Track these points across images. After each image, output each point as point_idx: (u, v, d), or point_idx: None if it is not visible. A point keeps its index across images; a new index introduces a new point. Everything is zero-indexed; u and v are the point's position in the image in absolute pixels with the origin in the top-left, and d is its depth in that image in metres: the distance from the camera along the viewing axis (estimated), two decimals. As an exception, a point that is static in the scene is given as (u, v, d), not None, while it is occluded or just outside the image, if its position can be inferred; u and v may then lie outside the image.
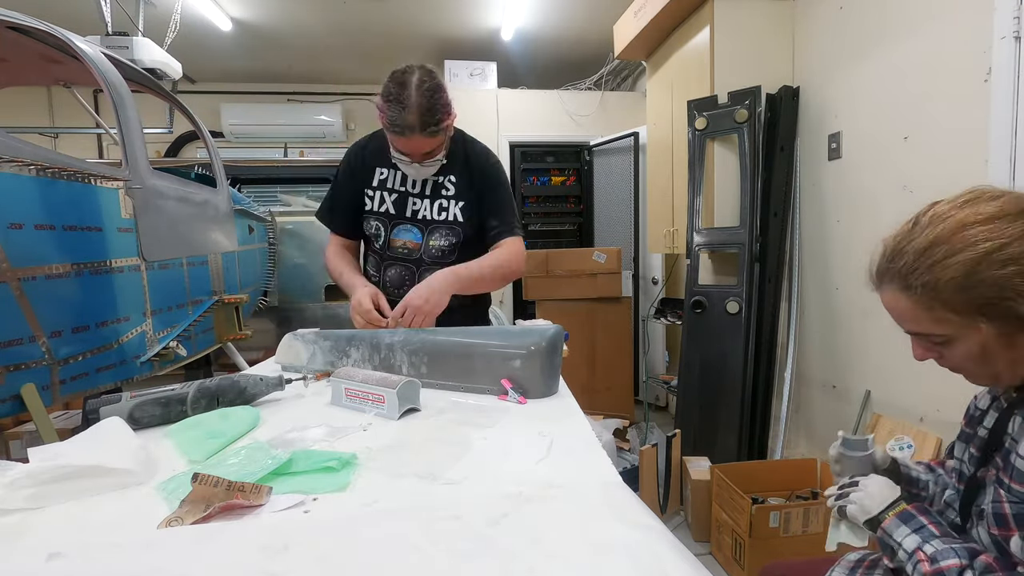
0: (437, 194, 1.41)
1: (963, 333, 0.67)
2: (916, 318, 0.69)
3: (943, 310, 0.66)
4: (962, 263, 0.63)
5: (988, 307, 0.63)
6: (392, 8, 3.52)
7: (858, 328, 2.16)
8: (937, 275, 0.65)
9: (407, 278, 1.43)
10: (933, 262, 0.65)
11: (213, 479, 0.56)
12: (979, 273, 0.63)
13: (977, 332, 0.65)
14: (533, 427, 0.80)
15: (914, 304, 0.68)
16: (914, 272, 0.67)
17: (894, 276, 0.70)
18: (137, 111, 1.79)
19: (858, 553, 0.92)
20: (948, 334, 0.68)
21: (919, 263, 0.67)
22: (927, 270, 0.66)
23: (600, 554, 0.46)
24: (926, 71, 1.80)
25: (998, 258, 0.62)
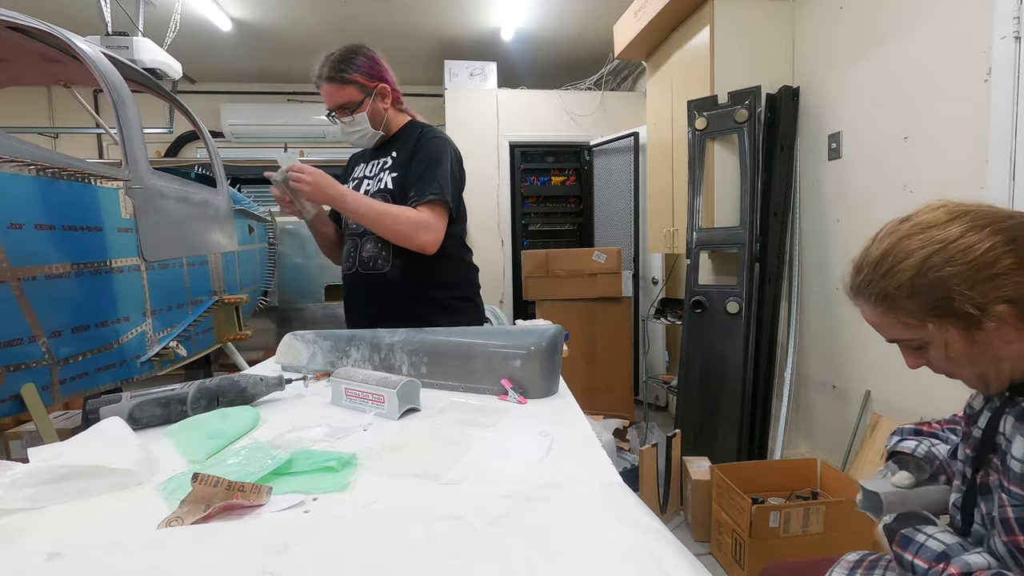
0: (381, 170, 1.49)
1: (926, 336, 0.71)
2: (882, 326, 0.75)
3: (902, 316, 0.71)
4: (906, 269, 0.69)
5: (936, 309, 0.67)
6: (392, 8, 3.52)
7: (858, 328, 2.16)
8: (886, 284, 0.70)
9: (352, 251, 1.53)
10: (883, 272, 0.71)
11: (213, 479, 0.56)
12: (921, 278, 0.67)
13: (936, 334, 0.69)
14: (533, 427, 0.80)
15: (877, 314, 0.74)
16: (870, 284, 0.73)
17: (859, 291, 0.76)
18: (137, 111, 1.79)
19: (857, 553, 0.92)
20: (916, 338, 0.72)
21: (873, 275, 0.72)
22: (879, 280, 0.71)
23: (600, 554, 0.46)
24: (926, 71, 1.80)
25: (935, 261, 0.67)
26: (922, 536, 0.72)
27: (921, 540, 0.72)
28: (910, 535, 0.73)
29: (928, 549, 0.70)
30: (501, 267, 4.23)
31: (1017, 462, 0.64)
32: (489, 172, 4.12)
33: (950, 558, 0.67)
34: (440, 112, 4.23)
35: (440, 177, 1.39)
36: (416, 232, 1.36)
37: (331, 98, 1.41)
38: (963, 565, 0.66)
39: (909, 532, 0.73)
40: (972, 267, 0.65)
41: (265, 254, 3.28)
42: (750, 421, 2.41)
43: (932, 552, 0.70)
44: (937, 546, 0.70)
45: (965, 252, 0.65)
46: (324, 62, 1.39)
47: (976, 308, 0.65)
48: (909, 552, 0.72)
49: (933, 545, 0.70)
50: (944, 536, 0.71)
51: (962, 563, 0.66)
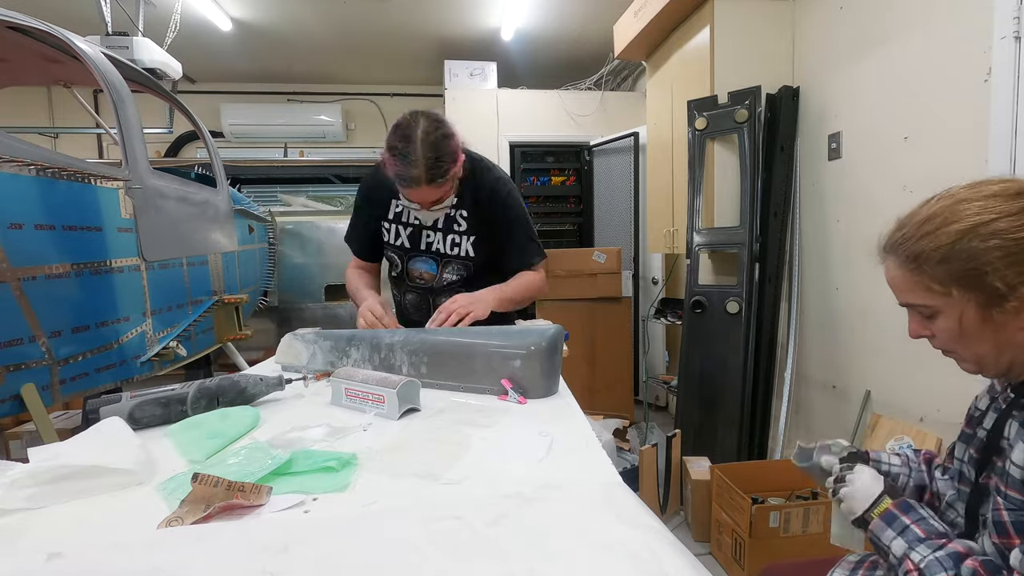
0: (449, 228, 1.43)
1: (944, 305, 0.69)
2: (903, 287, 0.73)
3: (927, 279, 0.69)
4: (951, 233, 0.66)
5: (965, 278, 0.66)
6: (392, 8, 3.52)
7: (858, 328, 2.16)
8: (925, 244, 0.68)
9: (422, 304, 1.50)
10: (926, 232, 0.69)
11: (213, 479, 0.56)
12: (962, 243, 0.66)
13: (955, 304, 0.68)
14: (533, 427, 0.80)
15: (903, 272, 0.72)
16: (908, 241, 0.70)
17: (893, 247, 0.73)
18: (137, 111, 1.79)
19: (858, 554, 0.92)
20: (932, 305, 0.70)
21: (915, 232, 0.70)
22: (919, 239, 0.69)
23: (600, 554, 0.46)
24: (926, 71, 1.80)
25: (983, 231, 0.64)
26: (924, 512, 0.72)
27: (924, 514, 0.72)
28: (913, 505, 0.73)
29: (930, 524, 0.70)
30: (501, 267, 4.22)
31: (1017, 468, 0.64)
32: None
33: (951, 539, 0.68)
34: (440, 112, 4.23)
35: (535, 238, 1.49)
36: (543, 290, 1.50)
37: (427, 197, 1.27)
38: (967, 547, 0.66)
39: (914, 503, 0.73)
40: (1019, 245, 0.63)
41: (265, 254, 3.28)
42: (750, 421, 2.41)
43: (933, 528, 0.70)
44: (940, 526, 0.70)
45: (1019, 228, 0.63)
46: (415, 162, 1.19)
47: (1005, 286, 0.64)
48: (908, 518, 0.71)
49: (936, 524, 0.70)
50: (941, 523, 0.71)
51: (966, 545, 0.66)
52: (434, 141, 1.20)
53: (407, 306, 1.52)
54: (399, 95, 4.96)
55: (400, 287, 1.54)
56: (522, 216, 1.45)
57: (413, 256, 1.47)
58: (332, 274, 3.80)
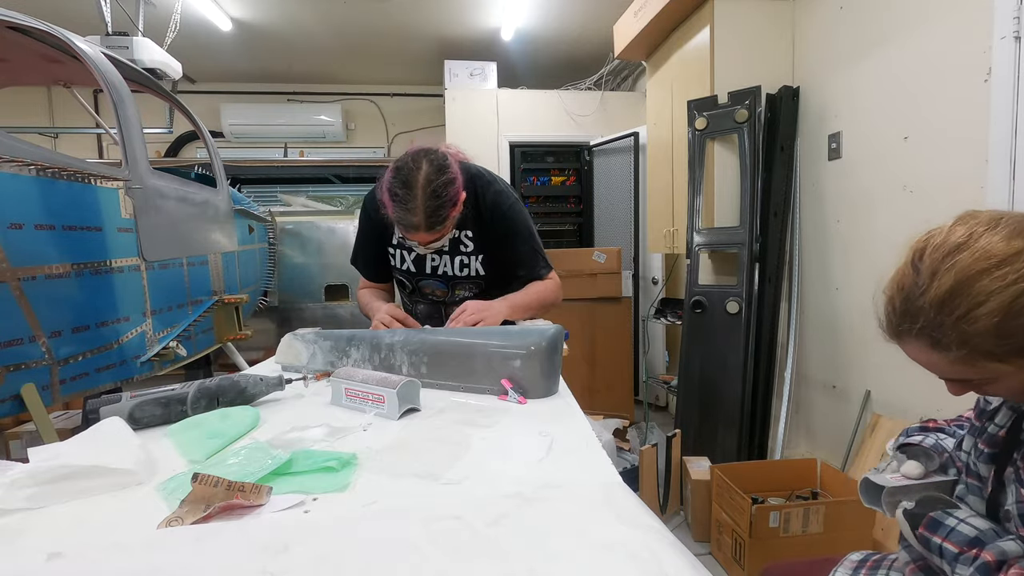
0: (456, 250, 1.42)
1: (999, 374, 0.65)
2: (954, 371, 0.67)
3: (984, 361, 0.63)
4: (992, 313, 0.60)
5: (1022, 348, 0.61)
6: (392, 8, 3.52)
7: (858, 328, 2.16)
8: (967, 330, 0.62)
9: (435, 314, 1.52)
10: (958, 316, 0.62)
11: (213, 479, 0.56)
12: (1013, 320, 0.60)
13: (1012, 371, 0.64)
14: (533, 427, 0.80)
15: (951, 360, 0.65)
16: (940, 329, 0.63)
17: (918, 334, 0.66)
18: (137, 111, 1.79)
19: (861, 553, 0.92)
20: (984, 377, 0.66)
21: (942, 319, 0.63)
22: (954, 326, 0.62)
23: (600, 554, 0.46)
24: (926, 71, 1.80)
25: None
26: (953, 520, 0.70)
27: (952, 524, 0.69)
28: (940, 518, 0.70)
29: (959, 533, 0.68)
30: (501, 267, 4.22)
31: None
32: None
33: (984, 544, 0.65)
34: (440, 112, 4.23)
35: (540, 249, 1.48)
36: (559, 298, 1.51)
37: (426, 240, 1.26)
38: (999, 552, 0.64)
39: (939, 515, 0.71)
40: None
41: (265, 254, 3.28)
42: (750, 421, 2.41)
43: (964, 536, 0.67)
44: (969, 531, 0.67)
45: None
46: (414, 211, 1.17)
47: None
48: (938, 536, 0.69)
49: (965, 530, 0.68)
50: (976, 521, 0.68)
51: (997, 550, 0.64)
52: (435, 189, 1.17)
53: (419, 316, 1.53)
54: (399, 95, 4.96)
55: (412, 300, 1.56)
56: (525, 229, 1.43)
57: (421, 279, 1.48)
58: (332, 274, 3.80)
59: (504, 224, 1.40)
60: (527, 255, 1.45)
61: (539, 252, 1.47)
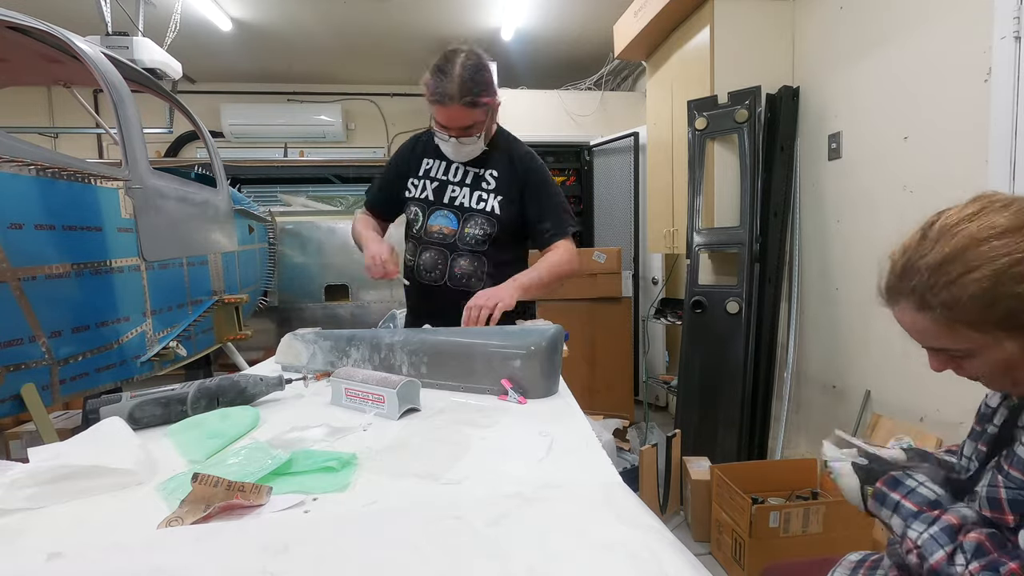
0: (477, 185, 1.45)
1: (982, 347, 0.66)
2: (936, 335, 0.68)
3: (965, 328, 0.65)
4: (982, 279, 0.62)
5: (1010, 322, 0.63)
6: (392, 8, 3.52)
7: (858, 328, 2.16)
8: (956, 293, 0.63)
9: (439, 262, 1.48)
10: (949, 280, 0.64)
11: (213, 479, 0.56)
12: (999, 289, 0.61)
13: (1000, 347, 0.64)
14: (533, 427, 0.80)
15: (934, 322, 0.67)
16: (931, 290, 0.65)
17: (908, 294, 0.68)
18: (137, 111, 1.79)
19: (860, 553, 0.92)
20: (967, 348, 0.67)
21: (934, 280, 0.65)
22: (944, 288, 0.64)
23: (600, 554, 0.46)
24: (926, 71, 1.80)
25: (1017, 273, 0.61)
26: (913, 482, 0.70)
27: (912, 485, 0.70)
28: (900, 478, 0.71)
29: (919, 494, 0.69)
30: (501, 267, 4.22)
31: None
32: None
33: (944, 507, 0.66)
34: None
35: (567, 208, 1.49)
36: (574, 267, 1.47)
37: (458, 120, 1.32)
38: (960, 516, 0.65)
39: (899, 475, 0.72)
40: None
41: (265, 254, 3.28)
42: (750, 421, 2.41)
43: (924, 498, 0.68)
44: (929, 493, 0.68)
45: None
46: (451, 78, 1.26)
47: None
48: (897, 492, 0.70)
49: (925, 492, 0.69)
50: (934, 487, 0.70)
51: (959, 514, 0.65)
52: (473, 64, 1.29)
53: (421, 266, 1.49)
54: (399, 95, 4.96)
55: (417, 246, 1.51)
56: (555, 186, 1.49)
57: (435, 209, 1.47)
58: (332, 274, 3.80)
59: (536, 176, 1.45)
60: (555, 208, 1.46)
61: (568, 210, 1.48)
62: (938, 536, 0.64)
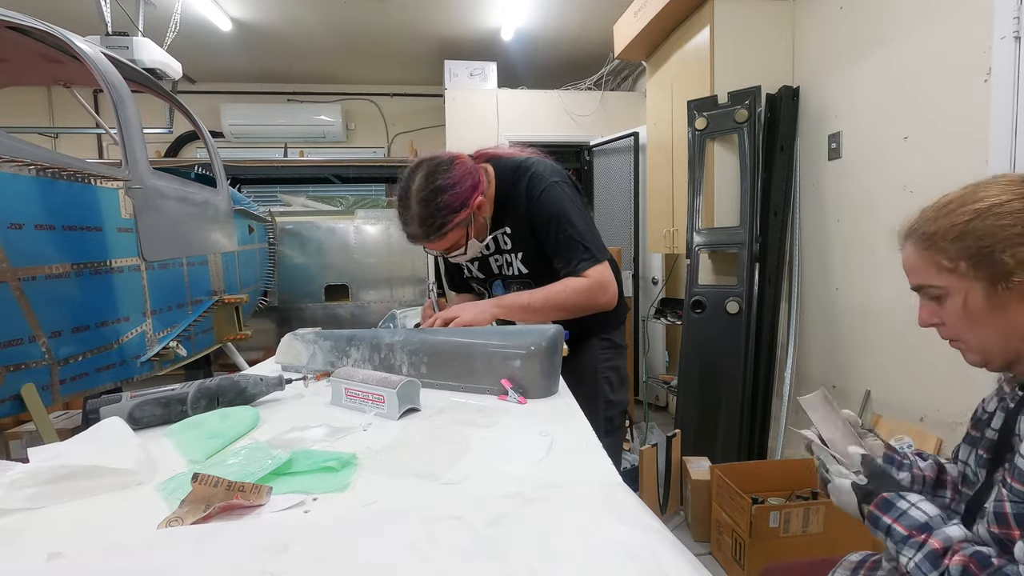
0: (499, 250, 1.40)
1: (952, 284, 0.70)
2: (915, 266, 0.74)
3: (939, 256, 0.71)
4: (966, 213, 0.68)
5: (976, 255, 0.67)
6: (392, 8, 3.52)
7: (858, 328, 2.16)
8: (942, 224, 0.70)
9: None
10: (944, 214, 0.71)
11: (213, 479, 0.56)
12: (977, 222, 0.67)
13: (962, 282, 0.69)
14: (533, 427, 0.80)
15: (917, 252, 0.74)
16: (926, 222, 0.73)
17: (912, 230, 0.75)
18: (137, 111, 1.79)
19: (860, 554, 0.92)
20: (940, 285, 0.72)
21: (934, 214, 0.72)
22: (934, 220, 0.71)
23: (600, 554, 0.46)
24: (926, 71, 1.80)
25: (999, 211, 0.66)
26: (905, 503, 0.70)
27: (904, 507, 0.70)
28: (893, 499, 0.71)
29: (910, 517, 0.69)
30: (501, 267, 4.22)
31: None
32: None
33: (932, 530, 0.67)
34: (440, 112, 4.23)
35: (580, 236, 1.26)
36: (592, 299, 1.27)
37: (437, 248, 1.27)
38: (944, 538, 0.65)
39: (892, 496, 0.72)
40: None
41: (265, 254, 3.28)
42: (750, 421, 2.41)
43: (914, 521, 0.68)
44: (920, 516, 0.68)
45: None
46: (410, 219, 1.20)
47: (1015, 261, 0.65)
48: (889, 516, 0.70)
49: (916, 514, 0.69)
50: (927, 506, 0.70)
51: (943, 536, 0.65)
52: (424, 198, 1.18)
53: None
54: (399, 95, 4.97)
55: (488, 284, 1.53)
56: (560, 213, 1.26)
57: (492, 282, 1.47)
58: (332, 274, 3.80)
59: (538, 214, 1.28)
60: (562, 244, 1.27)
61: (579, 241, 1.26)
62: (922, 564, 0.65)
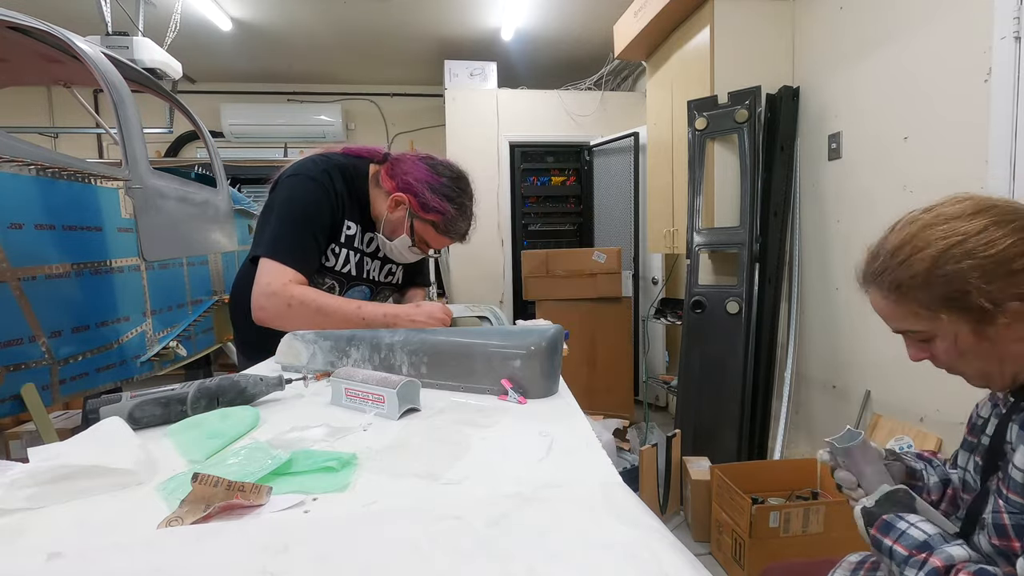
0: (387, 258, 1.39)
1: (936, 329, 0.71)
2: (893, 316, 0.75)
3: (914, 306, 0.71)
4: (923, 260, 0.69)
5: (951, 301, 0.67)
6: (392, 8, 3.52)
7: (858, 328, 2.16)
8: (903, 273, 0.70)
9: None
10: (900, 261, 0.71)
11: (213, 479, 0.56)
12: (939, 269, 0.67)
13: (947, 326, 0.69)
14: (533, 427, 0.80)
15: (888, 303, 0.74)
16: (886, 271, 0.73)
17: (872, 278, 0.76)
18: (137, 111, 1.79)
19: (860, 554, 0.92)
20: (925, 330, 0.72)
21: (889, 263, 0.72)
22: (895, 269, 0.72)
23: (600, 554, 0.46)
24: (926, 71, 1.80)
25: (955, 253, 0.66)
26: (904, 524, 0.71)
27: (903, 528, 0.70)
28: (892, 521, 0.72)
29: (909, 537, 0.69)
30: (501, 267, 4.23)
31: (1018, 471, 0.64)
32: (489, 172, 4.12)
33: (932, 548, 0.67)
34: (440, 112, 4.23)
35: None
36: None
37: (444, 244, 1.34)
38: (946, 557, 0.65)
39: (891, 518, 0.72)
40: (992, 261, 0.64)
41: (265, 254, 3.27)
42: (750, 421, 2.41)
43: (913, 540, 0.69)
44: (919, 535, 0.69)
45: (987, 246, 0.65)
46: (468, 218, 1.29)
47: (991, 303, 0.65)
48: (889, 538, 0.71)
49: (915, 533, 0.69)
50: (926, 526, 0.70)
51: (945, 555, 0.65)
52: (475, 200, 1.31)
53: None
54: (399, 95, 4.97)
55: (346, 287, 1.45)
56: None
57: (352, 286, 1.38)
58: (332, 274, 3.79)
59: None
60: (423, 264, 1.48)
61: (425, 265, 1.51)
62: None
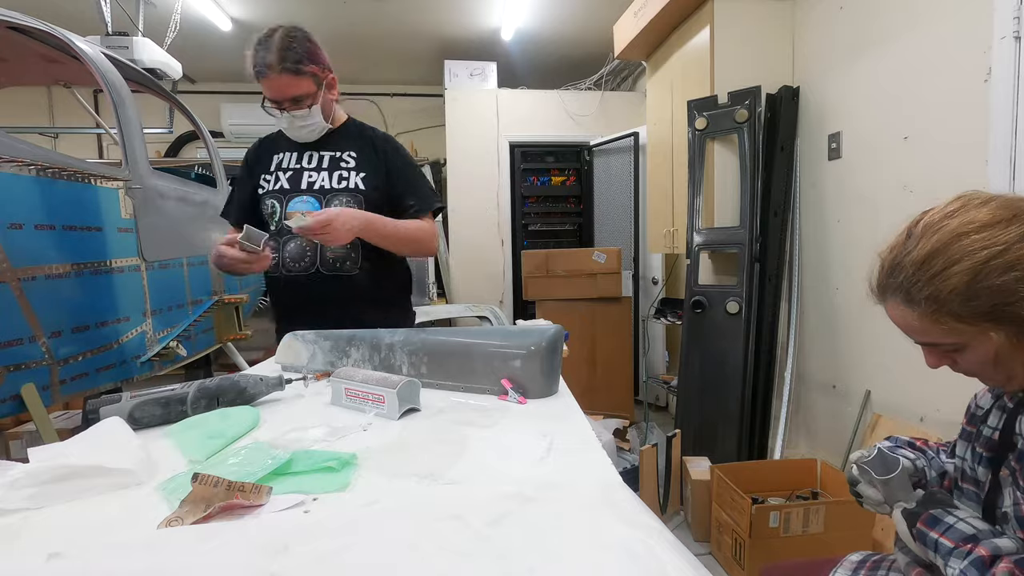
0: (336, 167, 1.43)
1: (974, 340, 0.67)
2: (924, 330, 0.70)
3: (951, 321, 0.66)
4: (963, 273, 0.64)
5: (994, 314, 0.64)
6: (392, 8, 3.52)
7: (858, 328, 2.16)
8: (939, 287, 0.65)
9: (308, 250, 1.41)
10: (933, 274, 0.66)
11: (213, 479, 0.56)
12: (981, 282, 0.63)
13: (987, 338, 0.66)
14: (533, 427, 0.80)
15: (920, 317, 0.69)
16: (915, 285, 0.67)
17: (896, 290, 0.70)
18: (137, 111, 1.79)
19: (860, 554, 0.92)
20: (959, 342, 0.68)
21: (919, 276, 0.67)
22: (928, 282, 0.66)
23: (600, 554, 0.46)
24: (926, 71, 1.80)
25: (997, 265, 0.63)
26: (952, 518, 0.70)
27: (951, 521, 0.70)
28: (939, 515, 0.71)
29: (957, 530, 0.69)
30: (501, 267, 4.23)
31: None
32: (489, 172, 4.12)
33: (979, 540, 0.66)
34: (440, 112, 4.23)
35: (432, 187, 1.54)
36: (432, 242, 1.48)
37: (283, 90, 1.33)
38: (992, 548, 0.64)
39: (938, 512, 0.72)
40: None
41: (265, 254, 3.27)
42: (750, 421, 2.41)
43: (961, 533, 0.68)
44: (967, 528, 0.68)
45: None
46: (269, 48, 1.30)
47: None
48: (936, 531, 0.70)
49: (963, 527, 0.69)
50: (976, 521, 0.69)
51: (992, 546, 0.65)
52: (289, 33, 1.32)
53: (287, 258, 1.42)
54: (399, 95, 4.96)
55: (279, 239, 1.43)
56: (418, 169, 1.52)
57: (292, 197, 1.42)
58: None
59: (399, 156, 1.48)
60: (419, 183, 1.48)
61: (431, 190, 1.51)
62: (967, 570, 0.65)
